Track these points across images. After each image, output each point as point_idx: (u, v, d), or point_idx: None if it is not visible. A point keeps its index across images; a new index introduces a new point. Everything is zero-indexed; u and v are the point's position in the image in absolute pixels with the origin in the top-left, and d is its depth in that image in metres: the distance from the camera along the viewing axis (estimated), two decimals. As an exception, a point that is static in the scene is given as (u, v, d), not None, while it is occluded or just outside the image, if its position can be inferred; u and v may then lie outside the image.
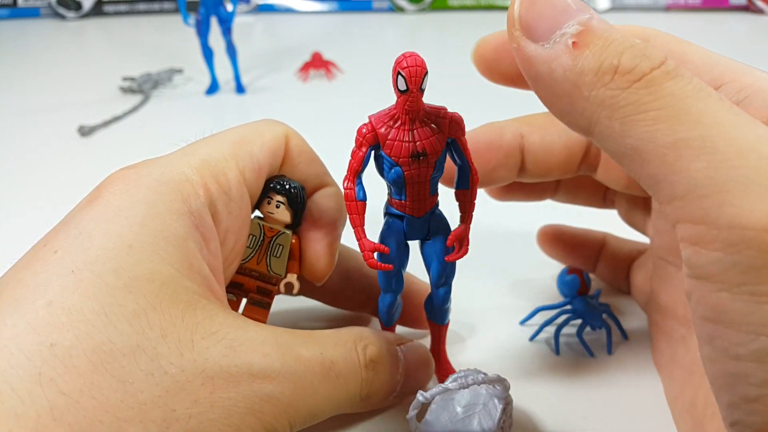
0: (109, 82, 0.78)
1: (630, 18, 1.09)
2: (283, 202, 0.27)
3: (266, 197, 0.28)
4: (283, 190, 0.27)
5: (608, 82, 0.19)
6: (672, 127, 0.17)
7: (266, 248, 0.28)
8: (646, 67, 0.18)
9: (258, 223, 0.28)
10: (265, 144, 0.27)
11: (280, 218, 0.28)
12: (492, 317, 0.36)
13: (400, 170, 0.25)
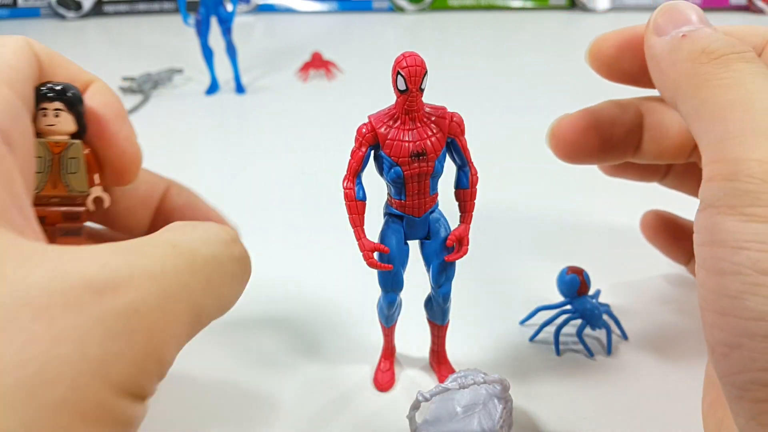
0: (109, 82, 0.78)
1: (630, 18, 1.09)
2: (61, 109, 0.24)
3: (39, 110, 0.24)
4: (58, 94, 0.24)
5: (695, 58, 0.23)
6: (727, 93, 0.21)
7: (58, 167, 0.25)
8: (727, 51, 0.22)
9: (41, 143, 0.24)
10: (17, 51, 0.23)
11: (64, 128, 0.24)
12: (492, 317, 0.36)
13: (400, 170, 0.25)
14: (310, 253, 0.43)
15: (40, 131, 0.24)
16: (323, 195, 0.49)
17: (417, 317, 0.31)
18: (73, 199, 0.25)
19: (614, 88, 0.33)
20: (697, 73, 0.22)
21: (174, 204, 0.30)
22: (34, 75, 0.23)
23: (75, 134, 0.25)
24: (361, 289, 0.34)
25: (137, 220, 0.29)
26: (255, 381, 0.32)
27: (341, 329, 0.35)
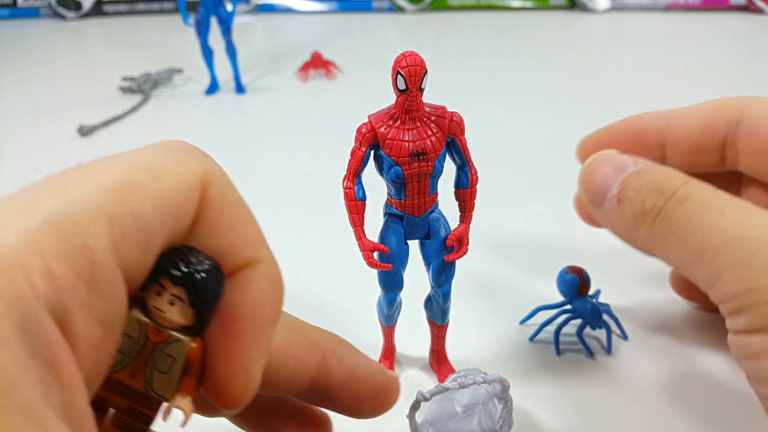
0: (108, 82, 0.78)
1: (630, 18, 1.09)
2: (180, 298, 0.17)
3: (156, 284, 0.17)
4: (183, 279, 0.17)
5: (643, 223, 0.25)
6: (684, 243, 0.24)
7: (147, 357, 0.18)
8: (661, 203, 0.24)
9: (138, 321, 0.17)
10: (165, 195, 0.16)
11: (174, 320, 0.17)
12: (492, 317, 0.36)
13: (400, 170, 0.25)
14: (309, 252, 0.43)
15: (149, 306, 0.17)
16: (323, 195, 0.49)
17: (417, 317, 0.31)
18: (147, 399, 0.18)
19: (612, 87, 0.33)
20: (654, 236, 0.25)
21: (335, 380, 0.21)
22: (171, 230, 0.16)
23: (187, 327, 0.18)
24: (361, 289, 0.34)
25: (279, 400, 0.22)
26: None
27: (341, 329, 0.35)
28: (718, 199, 0.24)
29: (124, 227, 0.15)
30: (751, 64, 0.84)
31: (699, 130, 0.31)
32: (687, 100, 0.30)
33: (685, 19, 1.08)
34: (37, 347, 0.13)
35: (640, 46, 0.96)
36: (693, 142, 0.31)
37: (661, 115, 0.32)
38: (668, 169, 0.26)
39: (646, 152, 0.32)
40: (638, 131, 0.32)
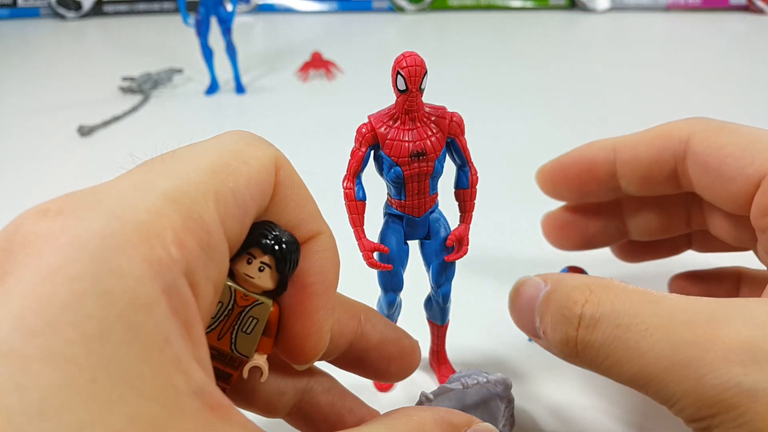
0: (108, 82, 0.78)
1: (630, 18, 1.09)
2: (269, 265, 0.20)
3: (246, 253, 0.19)
4: (272, 248, 0.19)
5: (571, 356, 0.24)
6: (622, 370, 0.22)
7: (234, 320, 0.20)
8: (573, 333, 0.23)
9: (229, 287, 0.20)
10: (253, 176, 0.18)
11: (262, 284, 0.20)
12: (492, 317, 0.36)
13: (400, 170, 0.25)
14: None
15: (236, 274, 0.20)
16: (323, 195, 0.49)
17: (417, 317, 0.31)
18: (231, 358, 0.21)
19: (612, 87, 0.33)
20: (590, 365, 0.23)
21: (369, 343, 0.25)
22: (258, 207, 0.19)
23: (269, 291, 0.20)
24: (361, 289, 0.34)
25: None
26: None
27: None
28: (635, 314, 0.22)
29: (227, 204, 0.17)
30: (751, 64, 0.84)
31: (647, 163, 0.30)
32: (687, 100, 0.30)
33: (685, 19, 1.08)
34: (177, 308, 0.15)
35: (640, 46, 0.96)
36: (643, 175, 0.30)
37: (608, 146, 0.31)
38: (573, 281, 0.24)
39: (599, 184, 0.32)
40: (587, 164, 0.32)
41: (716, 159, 0.27)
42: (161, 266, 0.15)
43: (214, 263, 0.17)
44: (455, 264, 0.28)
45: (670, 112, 0.38)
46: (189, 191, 0.16)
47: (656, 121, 0.31)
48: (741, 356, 0.20)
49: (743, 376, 0.20)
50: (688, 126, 0.29)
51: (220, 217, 0.17)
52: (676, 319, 0.21)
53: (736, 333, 0.20)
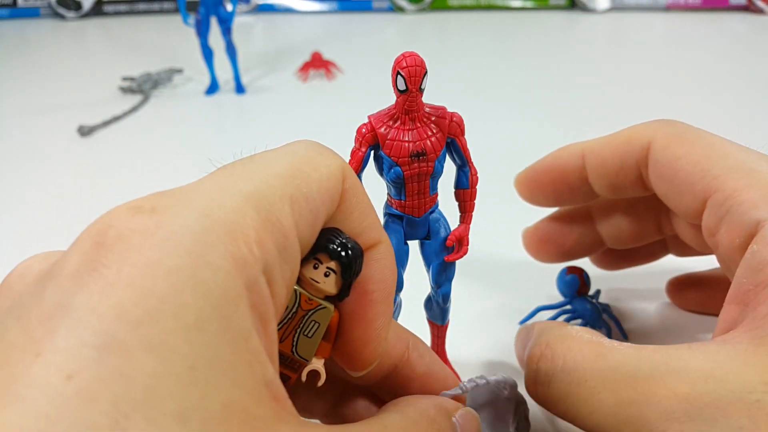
0: (108, 82, 0.78)
1: (630, 18, 1.09)
2: (334, 270, 0.20)
3: (314, 258, 0.20)
4: (339, 254, 0.20)
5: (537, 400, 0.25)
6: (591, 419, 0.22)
7: (297, 323, 0.21)
8: (533, 388, 0.25)
9: (294, 290, 0.20)
10: (323, 183, 0.19)
11: (326, 289, 0.20)
12: (492, 317, 0.36)
13: (400, 170, 0.25)
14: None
15: (302, 278, 0.20)
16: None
17: (417, 317, 0.31)
18: (291, 361, 0.21)
19: (612, 87, 0.33)
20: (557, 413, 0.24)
21: (414, 372, 0.24)
22: (327, 214, 0.20)
23: (331, 297, 0.21)
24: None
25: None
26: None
27: (341, 329, 0.35)
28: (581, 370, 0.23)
29: (301, 208, 0.18)
30: (751, 64, 0.84)
31: (614, 169, 0.30)
32: (687, 100, 0.30)
33: (685, 19, 1.08)
34: (256, 304, 0.16)
35: (640, 46, 0.96)
36: (611, 181, 0.30)
37: (577, 152, 0.31)
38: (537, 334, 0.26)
39: (573, 189, 0.32)
40: (559, 170, 0.32)
41: (671, 170, 0.27)
42: (245, 263, 0.16)
43: (288, 264, 0.18)
44: (455, 264, 0.28)
45: (670, 112, 0.38)
46: (268, 194, 0.17)
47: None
48: (677, 414, 0.20)
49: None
50: (651, 131, 0.28)
51: (295, 220, 0.18)
52: (619, 376, 0.22)
53: (672, 391, 0.20)
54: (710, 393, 0.20)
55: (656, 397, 0.21)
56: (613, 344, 0.23)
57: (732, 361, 0.20)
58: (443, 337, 0.31)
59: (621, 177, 0.30)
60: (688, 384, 0.20)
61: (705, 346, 0.22)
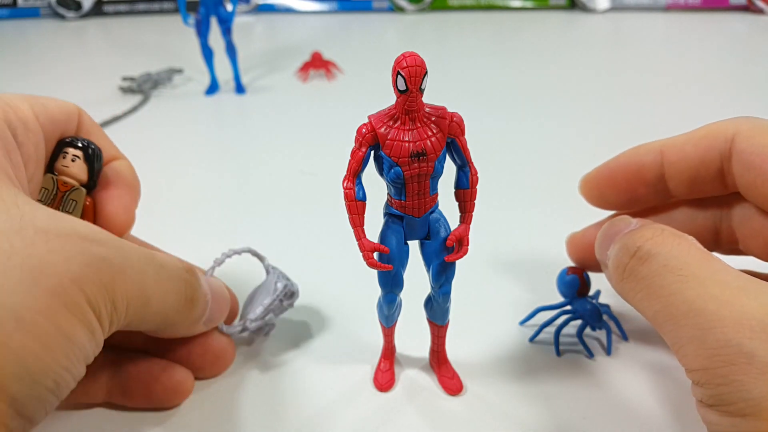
0: (109, 82, 0.78)
1: (630, 18, 1.10)
2: (78, 156, 0.28)
3: (61, 152, 0.28)
4: (78, 144, 0.28)
5: (618, 279, 0.27)
6: (650, 304, 0.24)
7: (59, 203, 0.28)
8: (626, 259, 0.26)
9: (51, 177, 0.28)
10: (58, 105, 0.29)
11: (76, 173, 0.28)
12: (492, 317, 0.36)
13: (400, 170, 0.25)
14: (309, 253, 0.43)
15: (56, 169, 0.28)
16: (323, 195, 0.49)
17: (417, 317, 0.31)
18: None
19: (612, 87, 0.33)
20: (626, 293, 0.26)
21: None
22: (65, 124, 0.29)
23: (85, 185, 0.29)
24: (361, 289, 0.34)
25: None
26: (254, 380, 0.32)
27: (341, 329, 0.35)
28: (684, 263, 0.24)
29: (38, 109, 0.28)
30: (751, 64, 0.84)
31: (694, 164, 0.30)
32: (686, 100, 0.30)
33: (685, 19, 1.08)
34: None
35: (640, 46, 0.96)
36: (690, 176, 0.31)
37: (655, 149, 0.31)
38: (656, 225, 0.26)
39: (648, 188, 0.32)
40: (635, 169, 0.32)
41: (759, 157, 0.27)
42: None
43: (32, 132, 0.27)
44: (455, 264, 0.28)
45: (670, 112, 0.38)
46: (11, 97, 0.27)
47: (655, 120, 0.31)
48: (752, 322, 0.21)
49: (747, 339, 0.21)
50: (735, 125, 0.29)
51: (34, 113, 0.27)
52: (714, 277, 0.23)
53: (758, 304, 0.21)
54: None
55: (739, 303, 0.22)
56: (720, 260, 0.24)
57: None
58: (443, 337, 0.31)
59: (702, 172, 0.30)
60: None
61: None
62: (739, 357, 0.21)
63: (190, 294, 0.28)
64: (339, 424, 0.29)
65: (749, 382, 0.20)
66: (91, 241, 0.22)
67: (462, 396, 0.31)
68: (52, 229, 0.22)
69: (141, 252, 0.25)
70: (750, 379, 0.20)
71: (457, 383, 0.31)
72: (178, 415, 0.30)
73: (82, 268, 0.21)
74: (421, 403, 0.30)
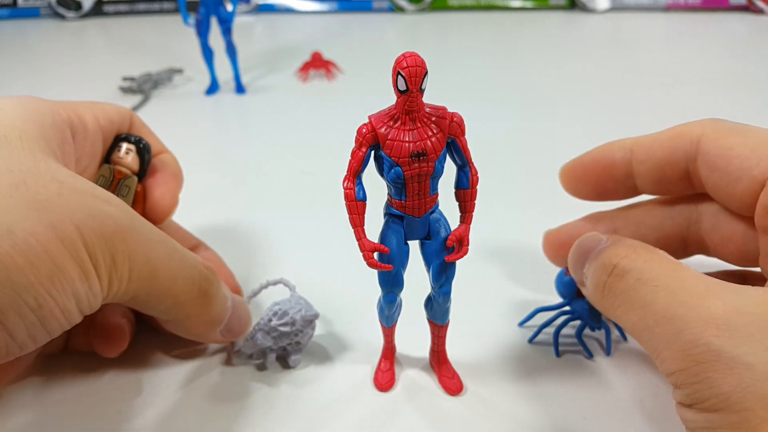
0: (109, 82, 0.78)
1: (630, 18, 1.10)
2: (132, 150, 0.33)
3: (117, 146, 0.33)
4: (132, 139, 0.33)
5: (598, 297, 0.28)
6: (628, 317, 0.25)
7: (115, 188, 0.32)
8: (605, 278, 0.27)
9: (109, 167, 0.33)
10: (116, 108, 0.34)
11: (129, 163, 0.33)
12: (492, 318, 0.36)
13: (400, 170, 0.25)
14: (310, 253, 0.43)
15: (113, 160, 0.33)
16: (323, 195, 0.49)
17: (417, 317, 0.31)
18: None
19: (612, 87, 0.33)
20: (607, 309, 0.27)
21: None
22: (121, 124, 0.34)
23: (136, 173, 0.33)
24: (362, 289, 0.34)
25: None
26: (255, 380, 0.32)
27: (341, 329, 0.35)
28: (656, 275, 0.25)
29: (99, 113, 0.32)
30: (751, 64, 0.84)
31: (661, 163, 0.31)
32: (687, 100, 0.31)
33: (685, 19, 1.08)
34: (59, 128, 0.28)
35: (640, 46, 0.96)
36: (657, 176, 0.31)
37: (626, 146, 0.32)
38: (627, 242, 0.27)
39: (617, 184, 0.33)
40: (607, 164, 0.33)
41: (724, 159, 0.28)
42: (55, 114, 0.28)
43: (89, 134, 0.31)
44: (455, 264, 0.28)
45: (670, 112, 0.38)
46: (76, 104, 0.31)
47: (655, 120, 0.31)
48: (718, 321, 0.22)
49: (714, 338, 0.22)
50: (701, 127, 0.30)
51: (94, 117, 0.32)
52: (683, 285, 0.24)
53: (723, 303, 0.22)
54: (757, 314, 0.22)
55: (706, 304, 0.23)
56: (688, 268, 0.25)
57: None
58: (443, 337, 0.31)
59: (668, 171, 0.31)
60: (740, 304, 0.22)
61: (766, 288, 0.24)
62: (708, 355, 0.22)
63: (205, 287, 0.29)
64: (339, 424, 0.29)
65: (718, 378, 0.21)
66: (103, 200, 0.24)
67: (462, 396, 0.31)
68: (69, 183, 0.24)
69: (155, 229, 0.27)
70: (719, 375, 0.21)
71: (457, 383, 0.31)
72: (174, 413, 0.30)
73: (86, 216, 0.23)
74: (421, 403, 0.30)
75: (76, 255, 0.22)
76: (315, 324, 0.32)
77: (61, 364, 0.32)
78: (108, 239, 0.24)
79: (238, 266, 0.40)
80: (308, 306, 0.32)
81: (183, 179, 0.36)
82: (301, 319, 0.31)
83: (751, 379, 0.21)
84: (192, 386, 0.31)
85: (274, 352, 0.32)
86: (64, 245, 0.22)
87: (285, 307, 0.31)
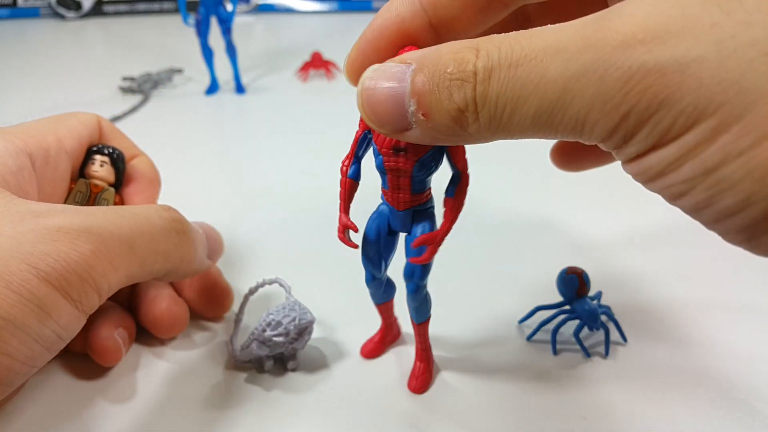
0: (109, 82, 0.78)
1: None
2: (105, 162, 0.34)
3: (90, 160, 0.33)
4: (104, 151, 0.34)
5: (468, 120, 0.20)
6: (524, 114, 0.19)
7: (93, 203, 0.33)
8: (471, 93, 0.20)
9: (85, 182, 0.33)
10: (81, 120, 0.33)
11: (105, 176, 0.34)
12: (491, 316, 0.36)
13: (381, 160, 0.25)
14: (309, 252, 0.43)
15: (87, 174, 0.34)
16: (323, 195, 0.49)
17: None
18: None
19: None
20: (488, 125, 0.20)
21: None
22: (90, 136, 0.34)
23: (113, 185, 0.34)
24: (362, 288, 0.34)
25: None
26: (253, 383, 0.32)
27: (341, 329, 0.35)
28: (520, 49, 0.19)
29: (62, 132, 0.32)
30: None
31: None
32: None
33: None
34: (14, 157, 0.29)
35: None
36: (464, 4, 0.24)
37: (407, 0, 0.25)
38: (444, 46, 0.21)
39: (424, 44, 0.24)
40: (397, 27, 0.26)
41: None
42: (8, 144, 0.29)
43: (53, 158, 0.31)
44: (429, 265, 0.28)
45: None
46: (36, 127, 0.32)
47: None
48: (640, 36, 0.17)
49: (647, 53, 0.17)
50: None
51: (58, 138, 0.32)
52: (564, 36, 0.19)
53: (630, 20, 0.18)
54: (669, 9, 0.18)
55: (611, 32, 0.18)
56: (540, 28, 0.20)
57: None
58: (420, 335, 0.31)
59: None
60: (648, 10, 0.18)
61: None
62: (650, 76, 0.17)
63: (179, 227, 0.30)
64: (339, 424, 0.29)
65: (675, 92, 0.17)
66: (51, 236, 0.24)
67: (459, 395, 0.31)
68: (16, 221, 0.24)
69: (109, 210, 0.27)
70: (674, 88, 0.17)
71: (419, 383, 0.31)
72: (173, 416, 0.30)
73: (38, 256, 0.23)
74: (419, 402, 0.30)
75: (30, 298, 0.22)
76: (312, 328, 0.32)
77: (58, 365, 0.32)
78: (66, 272, 0.23)
79: (238, 266, 0.40)
80: (303, 312, 0.31)
81: (160, 183, 0.37)
82: (295, 329, 0.30)
83: (709, 69, 0.17)
84: (190, 389, 0.31)
85: (271, 359, 0.32)
86: (13, 291, 0.22)
87: (278, 317, 0.31)
